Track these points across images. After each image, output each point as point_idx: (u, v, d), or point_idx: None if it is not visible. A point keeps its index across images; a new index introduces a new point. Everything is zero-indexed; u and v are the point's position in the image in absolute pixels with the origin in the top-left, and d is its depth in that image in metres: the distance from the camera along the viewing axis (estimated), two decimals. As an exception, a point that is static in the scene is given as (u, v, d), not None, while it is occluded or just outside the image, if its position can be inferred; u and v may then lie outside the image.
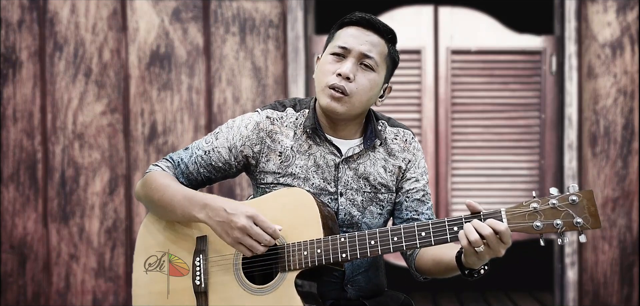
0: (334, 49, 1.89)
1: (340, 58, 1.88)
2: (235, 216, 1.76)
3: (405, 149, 1.99)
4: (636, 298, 3.91)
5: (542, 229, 1.66)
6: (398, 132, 2.00)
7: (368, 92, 1.89)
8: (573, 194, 1.65)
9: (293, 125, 1.94)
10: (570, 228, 1.65)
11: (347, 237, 1.77)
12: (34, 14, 3.86)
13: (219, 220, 1.79)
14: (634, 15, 3.86)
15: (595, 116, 3.90)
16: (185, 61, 3.88)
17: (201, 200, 1.82)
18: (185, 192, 1.86)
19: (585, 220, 1.64)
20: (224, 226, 1.78)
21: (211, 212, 1.80)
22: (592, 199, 1.64)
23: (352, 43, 1.87)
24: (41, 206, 3.89)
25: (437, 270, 1.89)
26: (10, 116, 3.88)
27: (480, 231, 1.65)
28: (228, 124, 1.96)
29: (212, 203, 1.81)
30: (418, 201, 1.98)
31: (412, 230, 1.74)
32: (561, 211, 1.65)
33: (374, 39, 1.89)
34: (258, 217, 1.76)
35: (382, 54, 1.90)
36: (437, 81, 3.99)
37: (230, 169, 1.96)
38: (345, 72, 1.85)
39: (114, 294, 3.90)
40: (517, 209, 1.68)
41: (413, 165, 1.99)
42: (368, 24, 1.90)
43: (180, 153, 1.97)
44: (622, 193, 3.90)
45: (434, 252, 1.88)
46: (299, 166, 1.92)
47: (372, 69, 1.88)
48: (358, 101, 1.88)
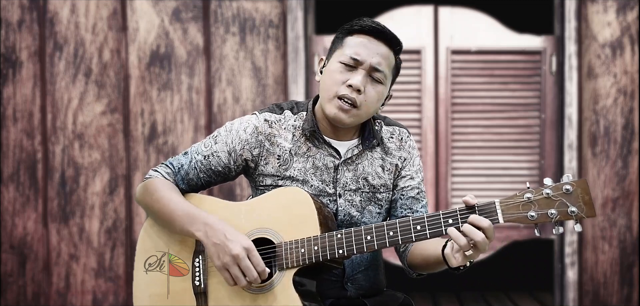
0: (344, 58, 1.88)
1: (350, 68, 1.88)
2: (231, 243, 1.77)
3: (401, 147, 2.00)
4: (636, 298, 3.92)
5: (537, 218, 1.67)
6: (394, 131, 2.02)
7: (375, 104, 1.90)
8: (567, 184, 1.66)
9: (291, 128, 1.95)
10: (564, 217, 1.65)
11: (344, 233, 1.78)
12: (34, 14, 3.86)
13: (215, 241, 1.79)
14: (634, 15, 3.87)
15: (595, 116, 3.90)
16: (185, 61, 3.88)
17: (202, 218, 1.83)
18: (186, 208, 1.86)
19: (580, 209, 1.65)
20: (218, 248, 1.78)
21: (210, 232, 1.80)
22: (586, 188, 1.65)
23: (363, 55, 1.87)
24: (41, 206, 3.89)
25: (426, 265, 1.90)
26: (10, 116, 3.88)
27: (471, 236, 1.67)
28: (226, 128, 1.96)
29: (213, 224, 1.81)
30: (413, 199, 2.00)
31: (408, 224, 1.75)
32: (555, 200, 1.66)
33: (384, 51, 1.89)
34: (253, 252, 1.77)
35: (390, 65, 1.91)
36: (437, 81, 3.99)
37: (229, 172, 1.96)
38: (357, 85, 1.85)
39: (114, 294, 3.90)
40: (511, 200, 1.69)
41: (408, 163, 2.00)
42: (379, 34, 1.89)
43: (179, 159, 1.97)
44: (622, 193, 3.90)
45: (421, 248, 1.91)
46: (297, 168, 1.93)
47: (381, 82, 1.89)
48: (365, 113, 1.90)
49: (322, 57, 1.99)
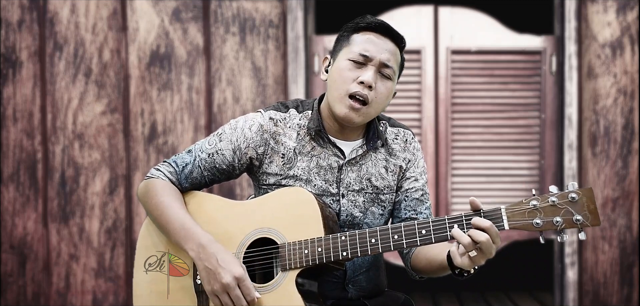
0: (353, 55, 1.87)
1: (359, 65, 1.87)
2: (222, 271, 1.75)
3: (405, 149, 2.00)
4: (636, 298, 3.92)
5: (542, 226, 1.66)
6: (398, 133, 2.01)
7: (385, 100, 1.90)
8: (573, 192, 1.65)
9: (296, 126, 1.94)
10: (569, 226, 1.65)
11: (348, 235, 1.78)
12: (34, 14, 3.86)
13: (206, 266, 1.78)
14: (634, 15, 3.87)
15: (595, 116, 3.90)
16: (185, 61, 3.88)
17: (197, 239, 1.81)
18: (183, 221, 1.84)
19: (585, 217, 1.64)
20: (209, 273, 1.77)
21: (203, 254, 1.79)
22: (591, 197, 1.65)
23: (373, 51, 1.87)
24: (41, 206, 3.89)
25: (430, 269, 1.89)
26: (10, 116, 3.88)
27: (475, 238, 1.66)
28: (231, 125, 1.95)
29: (207, 247, 1.79)
30: (417, 201, 1.99)
31: (413, 228, 1.74)
32: (561, 208, 1.66)
33: (391, 47, 1.89)
34: (244, 281, 1.75)
35: (397, 62, 1.92)
36: (437, 81, 3.99)
37: (233, 170, 1.95)
38: (369, 80, 1.84)
39: (114, 294, 3.90)
40: (517, 207, 1.68)
41: (413, 165, 2.00)
42: (385, 31, 1.89)
43: (183, 157, 1.96)
44: (622, 193, 3.90)
45: (427, 252, 1.90)
46: (301, 167, 1.92)
47: (390, 78, 1.89)
48: (375, 110, 1.89)
49: (327, 56, 1.98)
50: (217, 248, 1.79)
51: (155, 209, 1.89)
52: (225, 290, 1.75)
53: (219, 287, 1.75)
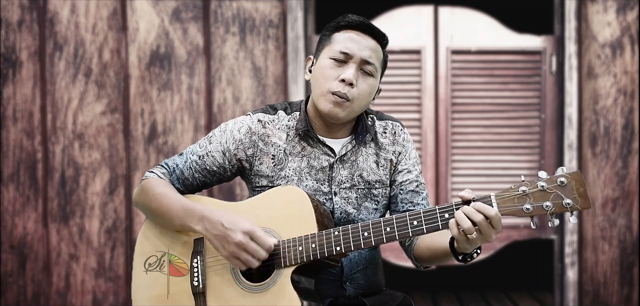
0: (334, 53, 1.89)
1: (340, 63, 1.89)
2: (232, 232, 1.77)
3: (394, 141, 2.01)
4: (636, 298, 3.92)
5: (532, 211, 1.68)
6: (387, 126, 2.02)
7: (367, 97, 1.92)
8: (561, 176, 1.67)
9: (285, 127, 1.96)
10: (559, 209, 1.67)
11: (341, 230, 1.79)
12: (34, 14, 3.87)
13: (215, 233, 1.80)
14: (634, 15, 3.87)
15: (595, 116, 3.90)
16: (185, 61, 3.88)
17: (199, 212, 1.83)
18: (183, 202, 1.87)
19: (575, 200, 1.66)
20: (220, 240, 1.79)
21: (208, 225, 1.81)
22: (580, 180, 1.66)
23: (353, 49, 1.88)
24: (41, 206, 3.89)
25: (433, 257, 1.91)
26: (10, 116, 3.88)
27: (472, 218, 1.67)
28: (221, 128, 1.98)
29: (209, 216, 1.81)
30: (412, 192, 2.00)
31: (404, 220, 1.75)
32: (550, 193, 1.67)
33: (372, 44, 1.91)
34: (255, 232, 1.77)
35: (379, 58, 1.93)
36: (437, 81, 3.99)
37: (225, 173, 1.97)
38: (349, 78, 1.86)
39: (114, 294, 3.91)
40: (507, 193, 1.69)
41: (404, 157, 2.01)
42: (367, 28, 1.91)
43: (175, 159, 1.99)
44: (622, 193, 3.90)
45: (428, 240, 1.91)
46: (292, 168, 1.94)
47: (371, 75, 1.91)
48: (358, 106, 1.90)
49: (310, 56, 2.00)
50: (220, 213, 1.81)
51: (153, 201, 1.90)
52: (241, 248, 1.76)
53: (234, 247, 1.77)
